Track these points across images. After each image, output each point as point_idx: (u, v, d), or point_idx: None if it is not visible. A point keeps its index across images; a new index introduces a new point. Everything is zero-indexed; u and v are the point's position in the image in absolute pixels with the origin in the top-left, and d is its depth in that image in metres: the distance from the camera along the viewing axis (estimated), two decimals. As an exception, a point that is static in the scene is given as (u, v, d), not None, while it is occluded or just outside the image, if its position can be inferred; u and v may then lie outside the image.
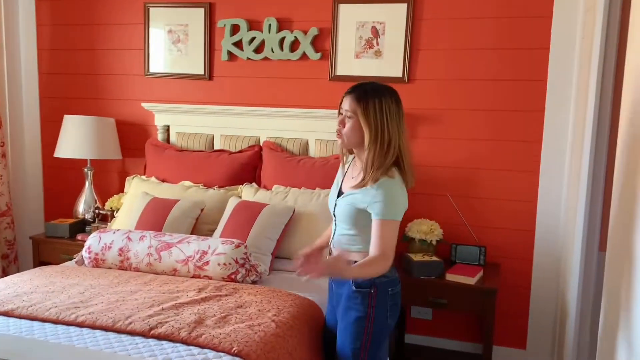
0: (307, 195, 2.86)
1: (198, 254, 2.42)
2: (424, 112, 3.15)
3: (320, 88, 3.28)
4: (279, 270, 2.67)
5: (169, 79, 3.56)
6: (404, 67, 3.14)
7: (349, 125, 1.92)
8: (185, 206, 2.85)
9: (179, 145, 3.46)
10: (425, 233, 3.01)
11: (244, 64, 3.40)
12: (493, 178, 3.09)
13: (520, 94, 3.01)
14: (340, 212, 1.96)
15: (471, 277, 2.74)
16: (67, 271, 2.46)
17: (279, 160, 3.12)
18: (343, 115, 1.95)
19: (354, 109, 1.89)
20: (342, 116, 1.95)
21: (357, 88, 1.93)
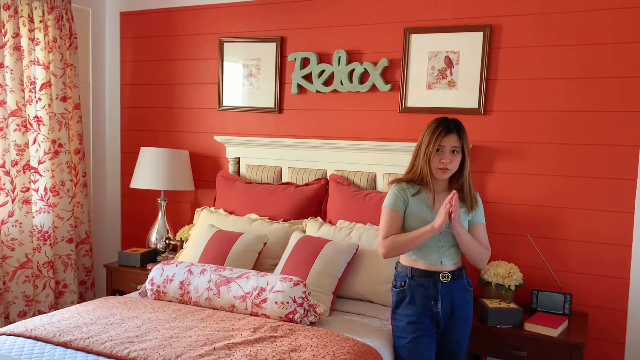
0: (372, 231, 2.73)
1: (256, 291, 2.35)
2: (501, 145, 2.94)
3: (389, 120, 3.17)
4: (339, 311, 2.54)
5: (241, 112, 3.59)
6: (480, 98, 2.96)
7: (456, 159, 2.22)
8: (249, 240, 2.80)
9: (249, 177, 3.46)
10: (503, 277, 2.77)
11: (313, 97, 3.36)
12: (580, 218, 2.81)
13: (611, 127, 2.73)
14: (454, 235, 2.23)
15: (554, 329, 2.47)
16: (130, 302, 2.47)
17: (345, 194, 3.02)
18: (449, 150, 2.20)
19: (458, 145, 2.21)
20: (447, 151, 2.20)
21: (454, 124, 2.23)
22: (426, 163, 2.21)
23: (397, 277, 2.31)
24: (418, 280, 2.24)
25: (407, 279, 2.26)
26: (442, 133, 2.18)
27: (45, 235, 3.41)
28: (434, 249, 2.24)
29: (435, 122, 2.24)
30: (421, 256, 2.25)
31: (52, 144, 3.44)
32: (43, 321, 2.22)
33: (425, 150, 2.20)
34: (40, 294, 3.40)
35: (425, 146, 2.21)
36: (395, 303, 2.30)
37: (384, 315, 2.49)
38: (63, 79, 3.49)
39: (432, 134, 2.20)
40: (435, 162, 2.20)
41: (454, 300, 2.25)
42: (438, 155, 2.19)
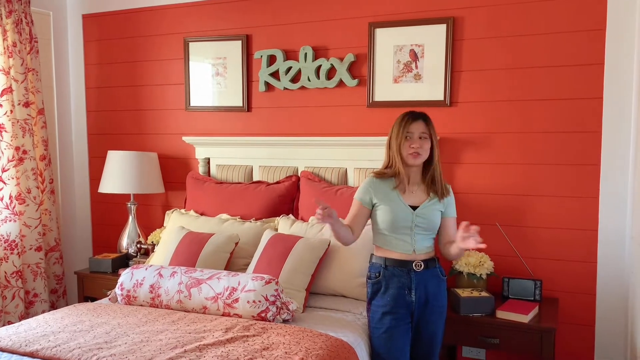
0: (343, 227, 2.73)
1: (228, 291, 2.33)
2: (468, 136, 2.97)
3: (358, 115, 3.18)
4: (313, 308, 2.53)
5: (209, 112, 3.56)
6: (446, 90, 2.98)
7: (425, 145, 2.26)
8: (219, 241, 2.78)
9: (219, 177, 3.43)
10: (474, 266, 2.80)
11: (280, 94, 3.35)
12: (547, 205, 2.85)
13: (574, 114, 2.78)
14: (426, 222, 2.28)
15: (525, 315, 2.50)
16: (99, 309, 2.43)
17: (316, 191, 3.02)
18: (417, 136, 2.25)
19: (426, 131, 2.27)
20: (416, 137, 2.25)
21: (420, 114, 2.30)
22: (397, 152, 2.26)
23: (372, 268, 2.33)
24: (392, 270, 2.27)
25: (381, 269, 2.28)
26: (409, 121, 2.26)
27: (12, 245, 3.33)
28: (407, 239, 2.26)
29: (402, 114, 2.32)
30: (394, 246, 2.28)
31: (16, 150, 3.36)
32: (9, 332, 2.16)
33: (396, 139, 2.27)
34: (9, 305, 3.32)
35: (395, 136, 2.27)
36: (370, 294, 2.32)
37: (357, 309, 2.49)
38: (25, 84, 3.41)
39: (400, 124, 2.27)
40: (405, 149, 2.25)
41: (427, 289, 2.28)
42: (407, 142, 2.25)
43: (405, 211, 2.26)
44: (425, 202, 2.29)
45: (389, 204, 2.27)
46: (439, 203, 2.31)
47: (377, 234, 2.35)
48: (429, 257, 2.31)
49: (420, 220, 2.26)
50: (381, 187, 2.31)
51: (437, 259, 2.35)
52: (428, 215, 2.28)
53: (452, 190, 2.40)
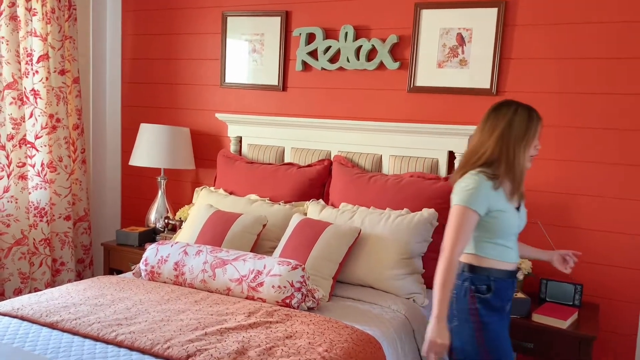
0: (375, 215, 2.62)
1: (253, 274, 2.25)
2: (513, 128, 2.80)
3: (397, 100, 3.04)
4: (339, 297, 2.44)
5: (244, 89, 3.48)
6: (493, 78, 2.82)
7: None
8: (247, 221, 2.71)
9: (250, 157, 3.36)
10: (509, 265, 2.65)
11: (318, 75, 3.24)
12: (595, 206, 2.68)
13: (628, 111, 2.58)
14: (523, 224, 2.03)
15: (563, 320, 2.36)
16: (122, 283, 2.39)
17: (348, 177, 2.91)
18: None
19: None
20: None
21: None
22: (523, 154, 1.91)
23: (476, 280, 1.92)
24: (501, 282, 1.93)
25: (490, 282, 1.91)
26: (539, 120, 1.96)
27: (42, 212, 3.34)
28: (513, 246, 1.98)
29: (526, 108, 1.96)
30: (505, 256, 1.94)
31: (50, 118, 3.35)
32: (31, 300, 2.14)
33: (525, 140, 1.91)
34: (37, 272, 3.33)
35: (523, 136, 1.90)
36: (481, 312, 1.90)
37: (385, 301, 2.39)
38: (61, 51, 3.39)
39: (536, 122, 1.94)
40: (530, 151, 1.94)
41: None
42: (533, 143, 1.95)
43: (515, 215, 1.96)
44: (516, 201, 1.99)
45: (507, 209, 1.93)
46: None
47: (485, 242, 1.93)
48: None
49: (521, 222, 2.01)
50: (493, 191, 1.90)
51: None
52: (523, 216, 2.03)
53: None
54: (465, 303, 1.91)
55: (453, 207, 1.88)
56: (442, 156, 2.87)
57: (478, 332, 1.90)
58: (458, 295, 1.92)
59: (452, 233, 1.84)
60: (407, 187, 2.73)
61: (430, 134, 2.86)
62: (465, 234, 1.84)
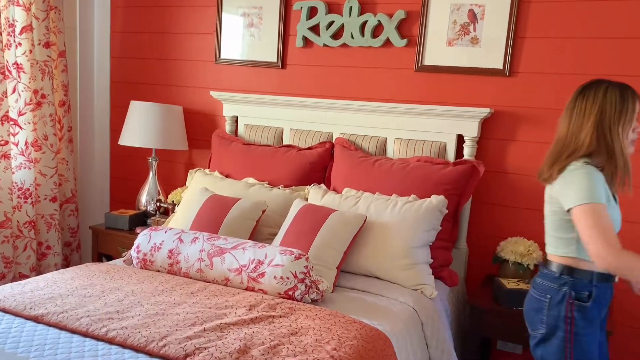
0: (381, 202, 2.48)
1: (253, 264, 2.11)
2: (526, 111, 2.67)
3: (404, 79, 2.89)
4: (343, 288, 2.31)
5: (240, 66, 3.30)
6: (506, 58, 2.67)
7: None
8: (246, 206, 2.56)
9: (247, 138, 3.19)
10: (521, 255, 2.54)
11: (320, 51, 3.06)
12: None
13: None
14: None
15: (577, 314, 2.25)
16: (113, 271, 2.24)
17: (352, 160, 2.76)
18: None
19: None
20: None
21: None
22: (622, 140, 1.73)
23: (576, 286, 1.77)
24: (602, 287, 1.78)
25: (592, 287, 1.76)
26: (635, 97, 1.74)
27: (27, 193, 3.16)
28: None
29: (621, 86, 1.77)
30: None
31: (34, 94, 3.15)
32: (14, 290, 1.99)
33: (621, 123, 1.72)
34: (21, 256, 3.17)
35: (618, 118, 1.72)
36: (578, 322, 1.76)
37: (391, 293, 2.26)
38: (46, 22, 3.17)
39: (623, 100, 1.73)
40: (630, 135, 1.76)
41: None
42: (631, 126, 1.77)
43: (617, 209, 1.81)
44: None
45: (612, 204, 1.77)
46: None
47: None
48: None
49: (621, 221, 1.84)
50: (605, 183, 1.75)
51: None
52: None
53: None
54: (560, 310, 1.76)
55: (576, 210, 1.69)
56: (450, 140, 2.72)
57: (568, 343, 1.75)
58: (552, 301, 1.78)
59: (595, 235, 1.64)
60: (414, 172, 2.59)
61: (439, 116, 2.72)
62: (606, 227, 1.65)
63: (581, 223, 1.68)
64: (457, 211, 2.58)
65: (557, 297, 1.77)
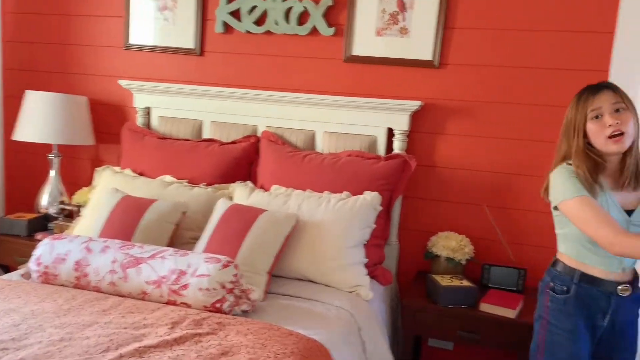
0: (313, 200, 2.34)
1: (174, 275, 1.89)
2: (456, 103, 2.62)
3: (332, 70, 2.75)
4: (276, 294, 2.14)
5: (153, 52, 3.01)
6: (435, 49, 2.60)
7: (627, 119, 1.67)
8: (163, 208, 2.31)
9: (162, 131, 2.92)
10: (453, 250, 2.50)
11: (241, 38, 2.85)
12: (536, 186, 2.55)
13: (575, 87, 2.47)
14: None
15: (512, 309, 2.24)
16: (7, 289, 1.92)
17: (279, 155, 2.59)
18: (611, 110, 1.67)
19: (620, 100, 1.68)
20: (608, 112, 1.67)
21: (602, 83, 1.75)
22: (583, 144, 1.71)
23: (557, 278, 1.81)
24: (587, 289, 1.75)
25: (571, 284, 1.77)
26: (590, 95, 1.71)
27: None
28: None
29: (579, 92, 1.78)
30: (597, 259, 1.74)
31: None
32: None
33: (574, 126, 1.73)
34: None
35: (571, 121, 1.75)
36: (551, 312, 1.81)
37: (326, 297, 2.13)
38: None
39: (577, 103, 1.74)
40: (598, 133, 1.68)
41: (621, 315, 1.77)
42: (597, 123, 1.69)
43: (619, 218, 1.69)
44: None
45: (613, 206, 1.71)
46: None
47: (570, 241, 1.80)
48: (634, 274, 1.80)
49: (638, 228, 1.71)
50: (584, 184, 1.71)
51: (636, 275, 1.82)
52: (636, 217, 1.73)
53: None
54: (543, 299, 1.87)
55: (564, 207, 1.72)
56: (381, 134, 2.63)
57: (542, 330, 1.84)
58: (540, 290, 1.91)
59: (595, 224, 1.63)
60: (345, 167, 2.46)
61: (368, 108, 2.61)
62: (602, 214, 1.63)
63: (576, 217, 1.70)
64: (390, 207, 2.49)
65: (543, 286, 1.88)
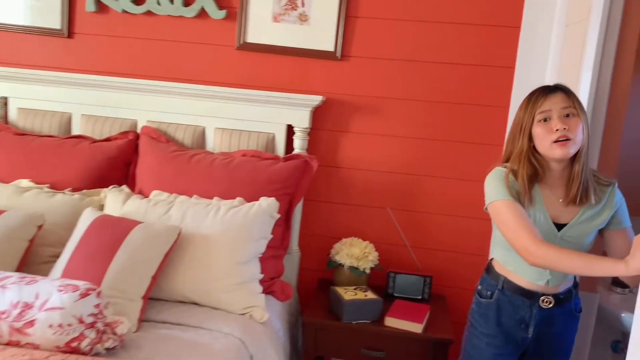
0: (201, 208, 2.03)
1: (17, 309, 1.51)
2: (360, 99, 2.42)
3: (224, 58, 2.45)
4: (153, 322, 1.81)
5: (9, 32, 2.54)
6: (337, 39, 2.38)
7: (576, 124, 1.53)
8: (13, 222, 1.90)
9: (21, 126, 2.47)
10: (357, 258, 2.31)
11: (117, 19, 2.47)
12: (443, 189, 2.44)
13: (481, 84, 2.37)
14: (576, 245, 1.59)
15: (418, 323, 2.08)
16: None
17: (162, 155, 2.25)
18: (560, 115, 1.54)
19: (571, 104, 1.55)
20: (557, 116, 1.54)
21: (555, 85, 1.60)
22: (528, 147, 1.58)
23: (484, 282, 1.74)
24: (509, 296, 1.66)
25: (495, 290, 1.68)
26: (540, 96, 1.57)
27: None
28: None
29: (531, 93, 1.62)
30: (521, 269, 1.63)
31: None
32: None
33: (521, 128, 1.59)
34: None
35: (519, 122, 1.60)
36: (475, 315, 1.74)
37: (214, 323, 1.83)
38: None
39: (527, 105, 1.59)
40: (544, 137, 1.54)
41: (551, 328, 1.67)
42: (545, 126, 1.55)
43: (547, 229, 1.58)
44: (578, 216, 1.59)
45: (540, 210, 1.60)
46: (599, 214, 1.60)
47: (497, 245, 1.70)
48: (565, 287, 1.66)
49: (567, 243, 1.59)
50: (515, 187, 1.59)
51: (574, 289, 1.70)
52: (579, 235, 1.60)
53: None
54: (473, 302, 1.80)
55: (490, 210, 1.63)
56: (279, 131, 2.37)
57: (466, 331, 1.78)
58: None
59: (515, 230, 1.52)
60: (239, 169, 2.18)
61: (265, 103, 2.34)
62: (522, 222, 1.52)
63: (499, 220, 1.59)
64: (289, 213, 2.25)
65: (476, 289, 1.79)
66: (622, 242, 1.61)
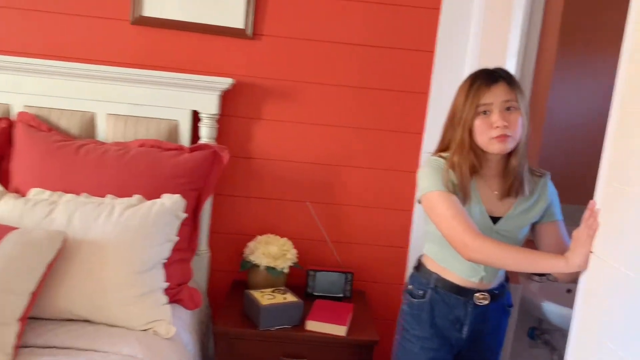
0: (91, 208, 1.73)
1: None
2: (274, 82, 2.22)
3: (116, 34, 2.14)
4: (33, 348, 1.51)
5: None
6: (248, 15, 2.15)
7: (515, 119, 1.46)
8: None
9: None
10: (275, 257, 2.12)
11: (-17, -17, 2.07)
12: (364, 179, 2.31)
13: (401, 69, 2.25)
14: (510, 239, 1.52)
15: (342, 326, 1.93)
16: None
17: (44, 146, 1.92)
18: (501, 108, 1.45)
19: (512, 97, 1.46)
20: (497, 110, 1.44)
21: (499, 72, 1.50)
22: (468, 137, 1.48)
23: (415, 281, 1.65)
24: (443, 295, 1.58)
25: (428, 289, 1.59)
26: (482, 86, 1.46)
27: None
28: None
29: (469, 76, 1.52)
30: (455, 265, 1.56)
31: None
32: None
33: (461, 117, 1.48)
34: None
35: (461, 110, 1.48)
36: (406, 316, 1.65)
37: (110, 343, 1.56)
38: None
39: (468, 92, 1.48)
40: (484, 131, 1.46)
41: (484, 324, 1.61)
42: (485, 120, 1.46)
43: (482, 223, 1.50)
44: (513, 209, 1.53)
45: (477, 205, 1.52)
46: (533, 207, 1.55)
47: (431, 241, 1.61)
48: (498, 283, 1.61)
49: (501, 237, 1.51)
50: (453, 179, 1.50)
51: (506, 285, 1.66)
52: (514, 229, 1.53)
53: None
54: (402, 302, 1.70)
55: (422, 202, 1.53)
56: (183, 118, 2.11)
57: (397, 335, 1.68)
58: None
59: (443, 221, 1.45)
60: (137, 161, 1.90)
61: (166, 85, 2.08)
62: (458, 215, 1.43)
63: (433, 213, 1.50)
64: (197, 210, 2.01)
65: (404, 289, 1.70)
66: (552, 235, 1.57)
